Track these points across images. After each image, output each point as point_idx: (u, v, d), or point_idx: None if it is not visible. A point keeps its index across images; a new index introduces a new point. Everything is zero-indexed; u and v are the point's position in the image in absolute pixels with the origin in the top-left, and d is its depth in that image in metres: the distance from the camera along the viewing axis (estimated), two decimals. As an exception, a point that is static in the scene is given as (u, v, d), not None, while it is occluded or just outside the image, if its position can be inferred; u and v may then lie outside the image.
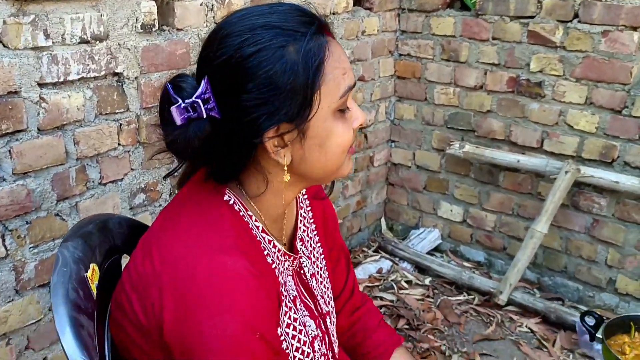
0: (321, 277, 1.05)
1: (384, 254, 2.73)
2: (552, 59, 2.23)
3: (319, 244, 1.07)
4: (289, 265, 0.95)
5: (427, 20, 2.54)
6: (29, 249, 1.42)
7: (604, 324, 1.50)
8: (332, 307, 1.06)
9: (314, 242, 1.05)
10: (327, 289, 1.06)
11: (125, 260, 0.95)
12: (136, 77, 1.58)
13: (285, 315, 0.89)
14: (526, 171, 2.38)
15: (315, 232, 1.07)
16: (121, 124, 1.58)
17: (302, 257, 0.99)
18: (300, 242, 1.00)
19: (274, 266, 0.89)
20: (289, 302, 0.92)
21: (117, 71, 1.52)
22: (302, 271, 0.99)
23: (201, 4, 1.70)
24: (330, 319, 1.04)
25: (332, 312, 1.06)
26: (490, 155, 2.43)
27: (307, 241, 1.03)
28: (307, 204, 1.07)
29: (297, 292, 0.96)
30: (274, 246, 0.90)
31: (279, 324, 0.86)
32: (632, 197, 2.15)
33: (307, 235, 1.03)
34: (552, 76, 2.25)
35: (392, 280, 2.54)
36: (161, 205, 1.74)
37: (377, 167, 2.81)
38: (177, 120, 0.77)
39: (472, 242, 2.69)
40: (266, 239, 0.89)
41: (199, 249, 0.79)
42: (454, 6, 2.50)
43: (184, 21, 1.67)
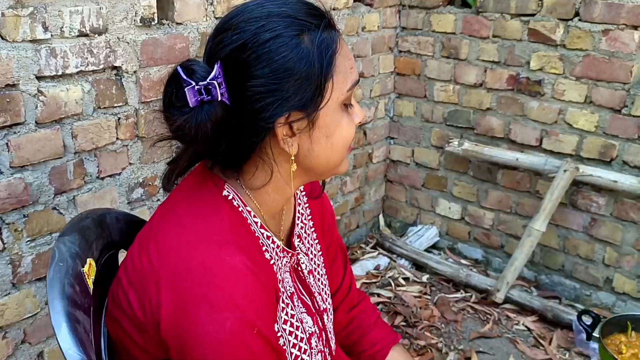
0: (318, 274, 1.05)
1: (381, 251, 2.73)
2: (552, 57, 2.23)
3: (316, 240, 1.07)
4: (287, 261, 0.94)
5: (427, 17, 2.54)
6: (26, 242, 1.42)
7: (601, 323, 1.50)
8: (329, 304, 1.06)
9: (311, 239, 1.05)
10: (325, 285, 1.06)
11: (122, 255, 0.94)
12: (135, 71, 1.57)
13: (282, 311, 0.89)
14: (525, 169, 2.38)
15: (312, 228, 1.06)
16: (119, 118, 1.57)
17: (299, 253, 0.99)
18: (297, 239, 1.00)
19: (272, 262, 0.89)
20: (287, 298, 0.92)
21: (115, 65, 1.52)
22: (299, 268, 0.99)
23: (201, -2, 1.70)
24: (327, 315, 1.04)
25: (330, 309, 1.06)
26: (489, 153, 2.43)
27: (305, 238, 1.03)
28: (305, 201, 1.06)
29: (295, 288, 0.96)
30: (273, 242, 0.90)
31: (276, 320, 0.86)
32: (630, 196, 2.15)
33: (304, 231, 1.03)
34: (552, 74, 2.25)
35: (389, 277, 2.54)
36: (159, 200, 1.74)
37: (376, 164, 2.81)
38: (191, 101, 0.76)
39: (470, 240, 2.69)
40: (265, 235, 0.88)
41: (197, 244, 0.79)
42: (454, 3, 2.49)
43: (184, 15, 1.66)
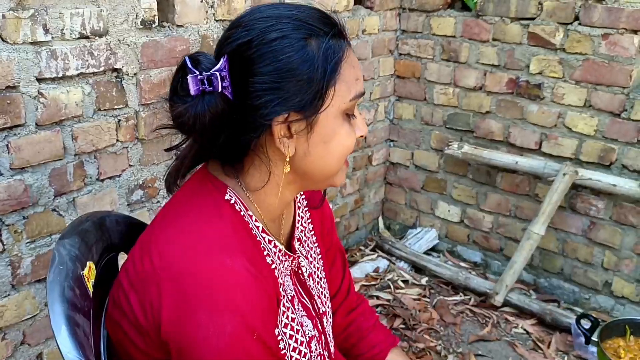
0: (318, 277, 1.05)
1: (381, 253, 2.74)
2: (551, 61, 2.23)
3: (316, 244, 1.07)
4: (287, 265, 0.95)
5: (427, 20, 2.54)
6: (26, 244, 1.42)
7: (600, 327, 1.51)
8: (328, 307, 1.06)
9: (311, 242, 1.05)
10: (324, 289, 1.07)
11: (122, 258, 0.95)
12: (135, 74, 1.57)
13: (283, 315, 0.89)
14: (524, 173, 2.39)
15: (312, 232, 1.07)
16: (120, 120, 1.57)
17: (300, 256, 0.99)
18: (298, 242, 1.00)
19: (273, 266, 0.89)
20: (287, 302, 0.92)
21: (116, 67, 1.52)
22: (300, 271, 0.99)
23: (201, 1, 1.70)
24: (326, 319, 1.04)
25: (329, 312, 1.06)
26: (488, 156, 2.43)
27: (305, 241, 1.03)
28: (305, 204, 1.07)
29: (295, 291, 0.96)
30: (275, 246, 0.90)
31: (277, 324, 0.86)
32: (629, 200, 2.15)
33: (304, 235, 1.04)
34: (552, 78, 2.25)
35: (388, 279, 2.54)
36: (159, 202, 1.74)
37: (376, 166, 2.81)
38: (192, 89, 0.77)
39: (469, 243, 2.69)
40: (266, 239, 0.89)
41: (199, 248, 0.79)
42: (454, 6, 2.49)
43: (184, 18, 1.66)
